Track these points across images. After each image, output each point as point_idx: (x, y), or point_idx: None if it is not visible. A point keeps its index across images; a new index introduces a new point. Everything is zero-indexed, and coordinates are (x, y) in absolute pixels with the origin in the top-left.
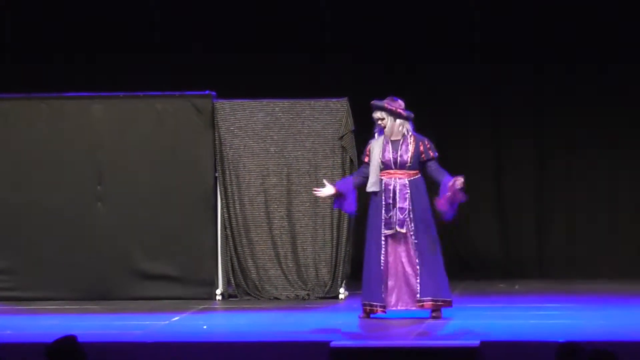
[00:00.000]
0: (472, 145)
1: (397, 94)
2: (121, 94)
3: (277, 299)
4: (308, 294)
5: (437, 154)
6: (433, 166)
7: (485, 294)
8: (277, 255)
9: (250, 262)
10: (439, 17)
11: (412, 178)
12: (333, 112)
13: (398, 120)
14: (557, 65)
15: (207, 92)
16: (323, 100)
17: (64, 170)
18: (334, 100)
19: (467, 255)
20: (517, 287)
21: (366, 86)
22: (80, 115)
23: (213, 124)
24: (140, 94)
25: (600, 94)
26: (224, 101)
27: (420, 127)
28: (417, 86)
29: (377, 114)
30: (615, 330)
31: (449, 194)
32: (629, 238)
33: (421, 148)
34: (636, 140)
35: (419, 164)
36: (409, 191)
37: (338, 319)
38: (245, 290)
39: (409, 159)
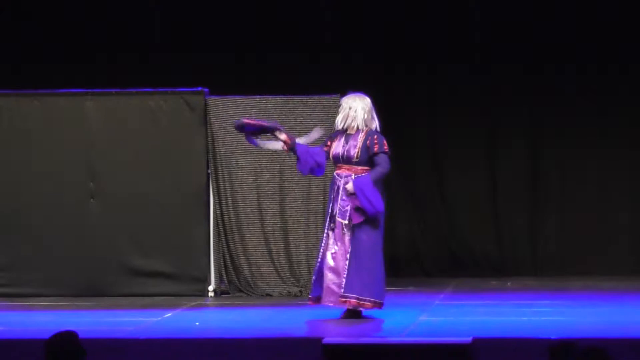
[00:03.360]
0: (467, 145)
1: (394, 94)
2: (114, 90)
3: (269, 295)
4: (300, 291)
5: (383, 149)
6: (375, 161)
7: (478, 290)
8: (270, 251)
9: (242, 259)
10: (438, 17)
11: (359, 175)
12: (325, 108)
13: (361, 113)
14: (554, 66)
15: (199, 88)
16: (315, 97)
17: (56, 167)
18: (326, 97)
19: (460, 252)
20: (509, 284)
21: (364, 86)
22: (73, 111)
23: (205, 121)
24: (133, 90)
25: (596, 94)
26: (217, 98)
27: (417, 126)
28: (414, 86)
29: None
30: (608, 327)
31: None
32: (621, 235)
33: (368, 142)
34: (629, 140)
35: (368, 159)
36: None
37: (330, 316)
38: (237, 286)
39: (355, 154)
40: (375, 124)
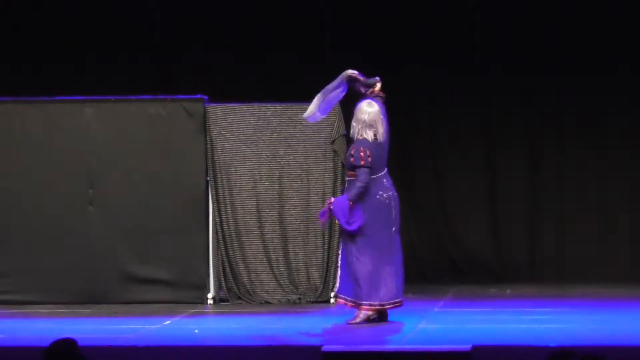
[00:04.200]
0: (464, 148)
1: (394, 94)
2: (113, 97)
3: (268, 303)
4: (299, 298)
5: (359, 162)
6: (355, 175)
7: (477, 298)
8: (269, 259)
9: (241, 266)
10: (438, 17)
11: (349, 178)
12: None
13: (357, 124)
14: (554, 66)
15: (198, 96)
16: None
17: (55, 174)
18: None
19: (459, 259)
20: (508, 291)
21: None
22: (72, 119)
23: (205, 128)
24: (132, 97)
25: (596, 94)
26: (216, 105)
27: (416, 127)
28: (414, 86)
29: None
30: (608, 334)
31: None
32: (621, 242)
33: (349, 152)
34: (628, 142)
35: (351, 167)
36: (344, 190)
37: (329, 323)
38: (236, 294)
39: (345, 160)
40: (369, 134)
